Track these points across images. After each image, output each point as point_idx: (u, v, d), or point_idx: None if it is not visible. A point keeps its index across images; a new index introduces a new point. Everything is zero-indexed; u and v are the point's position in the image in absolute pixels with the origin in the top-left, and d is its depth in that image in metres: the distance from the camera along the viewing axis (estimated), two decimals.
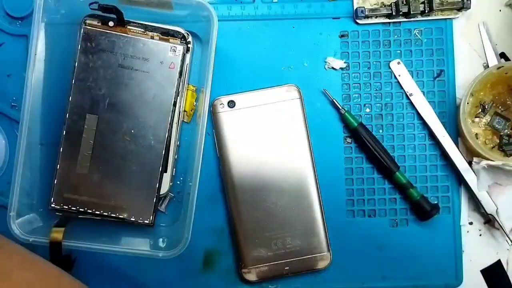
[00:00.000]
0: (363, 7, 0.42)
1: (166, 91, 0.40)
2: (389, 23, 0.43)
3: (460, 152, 0.42)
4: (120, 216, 0.40)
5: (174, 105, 0.40)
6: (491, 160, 0.41)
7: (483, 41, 0.44)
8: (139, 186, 0.40)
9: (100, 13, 0.39)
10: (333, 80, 0.43)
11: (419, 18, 0.43)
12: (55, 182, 0.40)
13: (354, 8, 0.43)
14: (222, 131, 0.42)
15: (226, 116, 0.42)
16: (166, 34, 0.40)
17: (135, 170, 0.40)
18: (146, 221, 0.40)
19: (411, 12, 0.41)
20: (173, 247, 0.38)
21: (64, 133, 0.40)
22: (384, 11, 0.42)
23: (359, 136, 0.42)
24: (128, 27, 0.40)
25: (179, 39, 0.40)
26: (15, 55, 0.44)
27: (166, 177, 0.41)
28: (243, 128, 0.42)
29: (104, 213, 0.40)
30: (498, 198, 0.42)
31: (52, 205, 0.40)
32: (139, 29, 0.40)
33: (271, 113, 0.42)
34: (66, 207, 0.40)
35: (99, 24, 0.40)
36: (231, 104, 0.42)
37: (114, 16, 0.39)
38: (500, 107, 0.42)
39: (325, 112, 0.43)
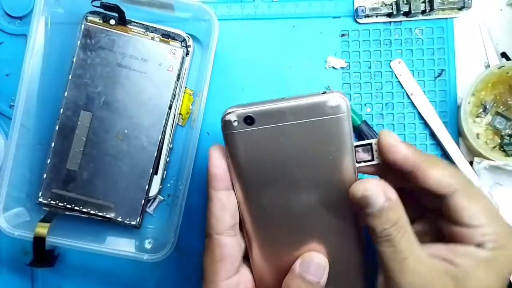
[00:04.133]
0: (364, 6, 0.42)
1: (163, 93, 0.40)
2: (390, 22, 0.43)
3: (461, 152, 0.42)
4: (107, 216, 0.40)
5: (170, 108, 0.40)
6: (492, 160, 0.40)
7: (484, 41, 0.43)
8: (128, 187, 0.40)
9: (102, 10, 0.39)
10: (334, 79, 0.43)
11: (420, 17, 0.43)
12: (45, 176, 0.40)
13: (355, 7, 0.43)
14: (237, 157, 0.28)
15: (242, 137, 0.28)
16: (167, 36, 0.40)
17: (125, 170, 0.40)
18: (133, 223, 0.40)
19: (412, 11, 0.41)
20: (159, 249, 0.38)
21: (57, 128, 0.40)
22: (385, 10, 0.42)
23: (362, 134, 0.42)
24: (129, 26, 0.40)
25: (180, 42, 0.40)
26: (14, 55, 0.43)
27: (157, 180, 0.41)
28: (265, 155, 0.28)
29: (91, 211, 0.40)
30: (500, 198, 0.42)
31: (40, 199, 0.40)
32: (140, 29, 0.40)
33: (304, 135, 0.28)
34: (54, 202, 0.40)
35: (100, 21, 0.40)
36: (249, 120, 0.28)
37: (115, 14, 0.39)
38: (501, 107, 0.42)
39: None
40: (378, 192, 0.27)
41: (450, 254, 0.28)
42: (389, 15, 0.42)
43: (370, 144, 0.29)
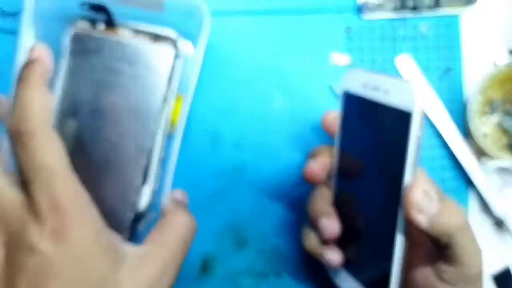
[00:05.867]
0: (368, 1, 0.41)
1: (153, 98, 0.38)
2: (395, 18, 0.42)
3: (469, 152, 0.41)
4: None
5: (161, 113, 0.39)
6: (500, 161, 0.39)
7: (492, 38, 0.42)
8: (115, 200, 0.38)
9: (90, 13, 0.38)
10: (338, 76, 0.42)
11: (426, 13, 0.42)
12: None
13: (359, 2, 0.42)
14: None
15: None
16: (157, 38, 0.39)
17: (112, 182, 0.38)
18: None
19: (418, 7, 0.40)
20: None
21: None
22: (390, 5, 0.41)
23: None
24: (118, 28, 0.39)
25: (171, 43, 0.39)
26: (7, 52, 0.42)
27: (146, 190, 0.38)
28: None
29: None
30: (507, 199, 0.41)
31: None
32: (129, 31, 0.39)
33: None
34: None
35: (89, 24, 0.38)
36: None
37: (104, 16, 0.38)
38: (509, 106, 0.41)
39: (330, 108, 0.42)
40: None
41: None
42: (394, 10, 0.41)
43: None
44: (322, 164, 0.33)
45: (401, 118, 0.26)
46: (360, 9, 0.42)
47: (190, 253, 0.41)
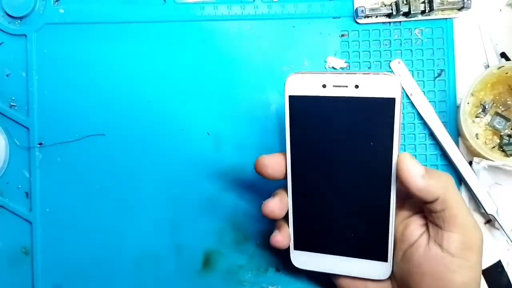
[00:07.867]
0: (363, 6, 0.42)
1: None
2: (389, 22, 0.43)
3: (461, 152, 0.42)
4: None
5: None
6: (491, 160, 0.41)
7: (484, 41, 0.43)
8: None
9: None
10: None
11: (420, 17, 0.43)
12: None
13: (355, 7, 0.43)
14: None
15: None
16: None
17: None
18: None
19: (412, 12, 0.41)
20: None
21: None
22: (385, 10, 0.42)
23: None
24: None
25: None
26: (14, 55, 0.43)
27: None
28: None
29: None
30: (498, 198, 0.42)
31: None
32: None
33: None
34: None
35: None
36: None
37: None
38: (500, 107, 0.42)
39: None
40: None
41: None
42: (389, 15, 0.42)
43: None
44: (280, 200, 0.34)
45: (381, 106, 0.30)
46: (355, 14, 0.43)
47: (192, 248, 0.43)
